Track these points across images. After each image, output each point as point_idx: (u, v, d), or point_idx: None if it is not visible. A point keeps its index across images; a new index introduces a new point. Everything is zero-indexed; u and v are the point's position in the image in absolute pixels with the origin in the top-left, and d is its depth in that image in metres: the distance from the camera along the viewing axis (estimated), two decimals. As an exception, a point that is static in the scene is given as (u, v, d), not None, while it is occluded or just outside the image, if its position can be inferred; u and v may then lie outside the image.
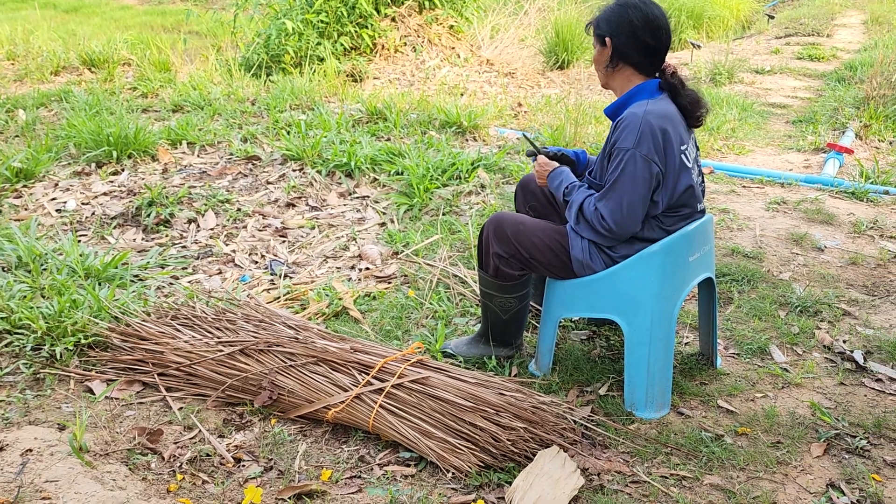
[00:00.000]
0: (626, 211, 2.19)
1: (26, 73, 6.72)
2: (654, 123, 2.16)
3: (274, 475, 2.08)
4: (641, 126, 2.15)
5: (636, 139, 2.16)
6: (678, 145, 2.22)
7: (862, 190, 4.27)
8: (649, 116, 2.17)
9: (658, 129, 2.16)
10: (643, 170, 2.16)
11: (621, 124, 2.21)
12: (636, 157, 2.16)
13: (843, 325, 2.88)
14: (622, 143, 2.19)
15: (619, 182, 2.19)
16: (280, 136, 4.73)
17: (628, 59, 2.26)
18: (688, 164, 2.25)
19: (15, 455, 1.99)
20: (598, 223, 2.24)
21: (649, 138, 2.15)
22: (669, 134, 2.19)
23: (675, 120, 2.23)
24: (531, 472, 2.01)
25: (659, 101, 2.23)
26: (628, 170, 2.17)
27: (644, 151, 2.16)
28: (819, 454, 2.17)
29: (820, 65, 8.48)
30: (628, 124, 2.18)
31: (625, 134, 2.18)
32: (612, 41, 2.25)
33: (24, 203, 3.97)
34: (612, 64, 2.28)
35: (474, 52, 7.63)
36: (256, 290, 3.15)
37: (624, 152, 2.18)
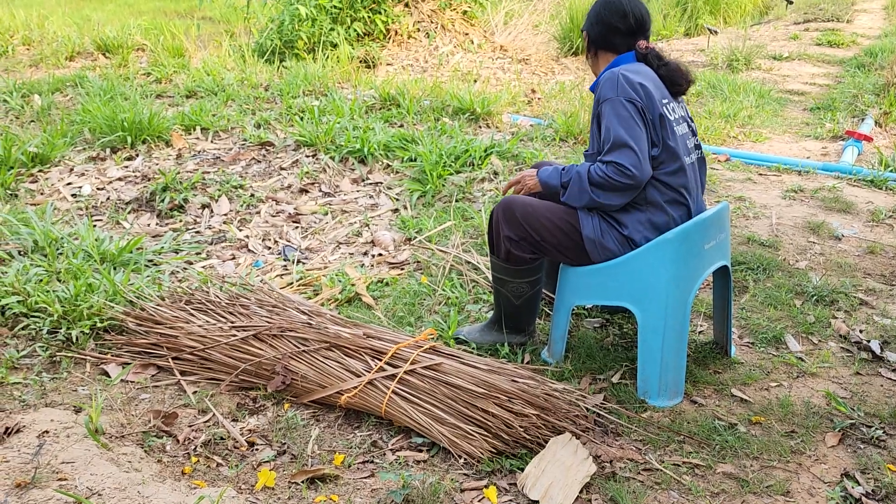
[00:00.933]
0: (637, 148, 2.22)
1: (41, 58, 6.76)
2: (630, 76, 2.28)
3: (287, 459, 2.10)
4: (617, 78, 2.27)
5: (615, 89, 2.26)
6: (659, 99, 2.30)
7: (881, 178, 4.21)
8: (623, 71, 2.30)
9: (634, 81, 2.27)
10: (630, 109, 2.25)
11: (602, 84, 2.32)
12: (620, 102, 2.24)
13: (859, 314, 2.85)
14: (603, 96, 2.29)
15: (615, 129, 2.24)
16: (293, 121, 4.73)
17: (604, 45, 2.45)
18: (670, 117, 2.32)
19: (32, 437, 2.01)
20: (617, 175, 2.22)
21: (626, 86, 2.26)
22: (648, 87, 2.28)
23: (651, 77, 2.34)
24: (543, 459, 2.01)
25: (634, 65, 2.38)
26: (618, 114, 2.24)
27: (626, 96, 2.25)
28: (834, 444, 2.16)
29: (839, 51, 8.36)
30: (605, 80, 2.31)
31: (604, 90, 2.29)
32: (588, 32, 2.48)
33: (39, 188, 4.00)
34: (592, 52, 2.50)
35: (488, 38, 7.58)
36: (270, 276, 3.16)
37: (607, 101, 2.27)
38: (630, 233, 2.29)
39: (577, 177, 2.31)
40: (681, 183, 2.31)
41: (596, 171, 2.26)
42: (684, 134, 2.38)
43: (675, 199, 2.31)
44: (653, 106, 2.27)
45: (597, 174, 2.25)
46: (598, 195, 2.28)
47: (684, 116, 2.41)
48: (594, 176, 2.26)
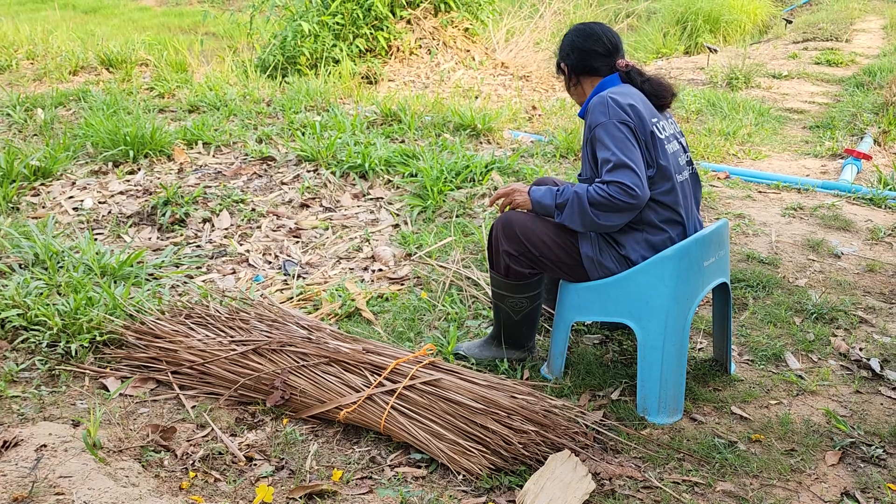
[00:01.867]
0: (637, 168, 2.22)
1: (45, 72, 6.80)
2: (619, 99, 2.28)
3: (285, 474, 2.09)
4: (607, 102, 2.28)
5: (606, 112, 2.27)
6: (649, 118, 2.30)
7: (880, 196, 4.22)
8: (611, 94, 2.30)
9: (624, 103, 2.27)
10: (624, 131, 2.25)
11: (591, 110, 2.33)
12: (613, 124, 2.25)
13: (859, 332, 2.85)
14: (595, 121, 2.29)
15: (613, 151, 2.23)
16: (295, 137, 4.75)
17: (585, 70, 2.47)
18: (661, 135, 2.32)
19: (30, 450, 2.01)
20: (620, 195, 2.20)
21: (616, 108, 2.26)
22: (637, 108, 2.29)
23: (639, 98, 2.34)
24: (542, 476, 2.01)
25: (620, 87, 2.38)
26: (613, 136, 2.24)
27: (617, 118, 2.25)
28: (834, 462, 2.15)
29: (838, 70, 8.41)
30: (595, 105, 2.31)
31: (595, 115, 2.30)
32: (566, 63, 2.50)
33: (41, 201, 4.01)
34: (574, 81, 2.50)
35: (489, 54, 7.63)
36: (270, 290, 3.16)
37: (600, 126, 2.26)
38: (627, 252, 2.30)
39: (576, 198, 2.26)
40: (674, 201, 2.32)
41: (596, 191, 2.23)
42: (675, 151, 2.38)
43: (671, 217, 2.32)
44: (644, 126, 2.27)
45: (598, 194, 2.22)
46: (599, 216, 2.24)
47: (675, 133, 2.42)
48: (594, 196, 2.23)
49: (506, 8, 8.83)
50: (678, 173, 2.36)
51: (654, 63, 9.22)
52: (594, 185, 2.25)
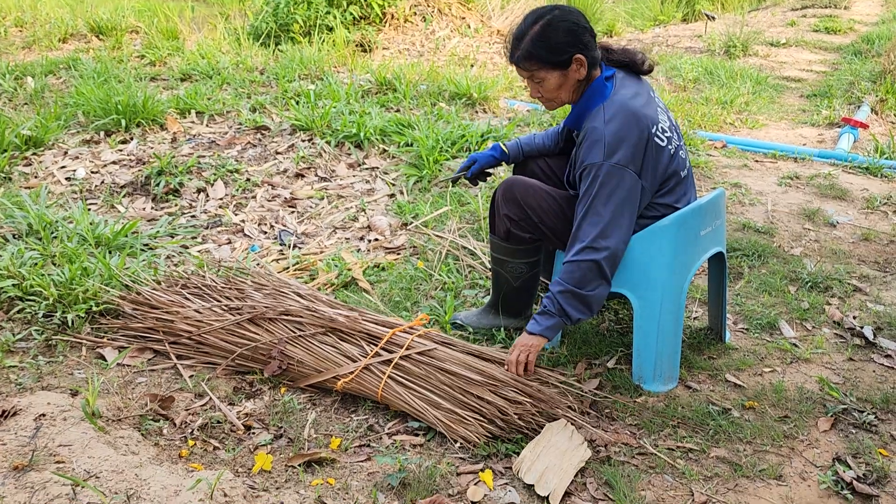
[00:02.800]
0: (613, 222, 2.10)
1: (34, 40, 6.69)
2: (620, 129, 2.09)
3: (284, 443, 2.11)
4: (607, 139, 2.08)
5: (604, 152, 2.08)
6: (650, 130, 2.13)
7: (876, 165, 4.22)
8: (612, 126, 2.09)
9: (626, 133, 2.09)
10: (619, 180, 2.09)
11: (586, 140, 2.13)
12: (610, 169, 2.08)
13: (853, 300, 2.87)
14: (590, 158, 2.10)
15: (589, 197, 2.10)
16: (289, 106, 4.70)
17: (593, 63, 2.18)
18: (661, 144, 2.17)
19: (28, 420, 2.02)
20: (593, 255, 2.09)
21: (618, 148, 2.08)
22: (638, 123, 2.11)
23: (636, 107, 2.13)
24: (539, 444, 2.03)
25: (613, 98, 2.15)
26: (604, 185, 2.09)
27: (617, 160, 2.08)
28: (826, 429, 2.18)
29: (836, 38, 8.35)
30: (594, 139, 2.10)
31: (592, 150, 2.10)
32: (585, 55, 2.13)
33: (33, 171, 3.97)
34: (587, 77, 2.19)
35: (485, 22, 7.54)
36: (266, 260, 3.15)
37: (594, 167, 2.09)
38: None
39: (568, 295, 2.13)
40: (677, 200, 2.28)
41: (569, 272, 2.11)
42: (676, 147, 2.25)
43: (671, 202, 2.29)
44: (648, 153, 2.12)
45: (574, 274, 2.11)
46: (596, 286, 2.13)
47: (672, 126, 2.25)
48: (571, 278, 2.11)
49: (501, -26, 8.69)
50: (682, 169, 2.28)
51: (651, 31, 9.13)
52: (562, 270, 2.15)
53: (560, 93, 2.20)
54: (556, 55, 2.12)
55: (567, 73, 2.16)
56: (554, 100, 2.22)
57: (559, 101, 2.23)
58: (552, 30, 2.11)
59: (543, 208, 2.35)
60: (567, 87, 2.19)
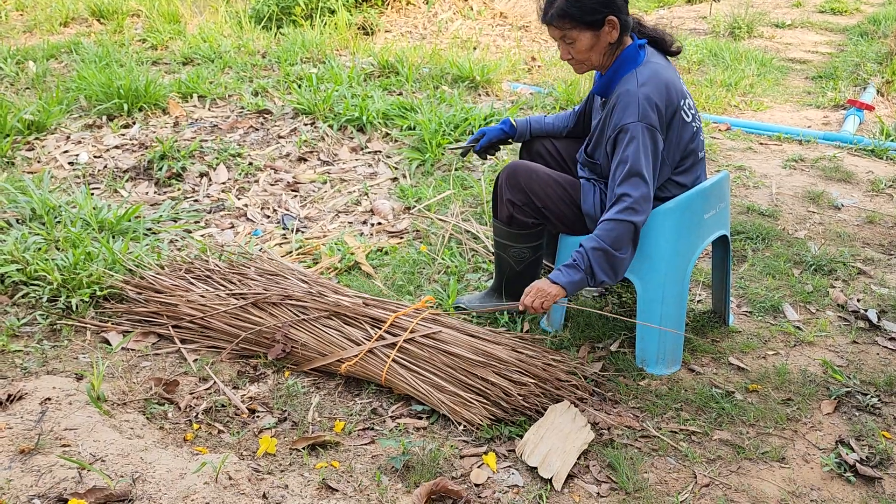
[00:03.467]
0: (651, 182, 2.13)
1: (35, 24, 6.66)
2: (652, 93, 2.11)
3: (288, 426, 2.12)
4: (641, 101, 2.10)
5: (639, 112, 2.10)
6: (679, 100, 2.18)
7: (882, 147, 4.19)
8: (645, 89, 2.11)
9: (658, 97, 2.12)
10: (652, 139, 2.11)
11: (620, 102, 2.14)
12: (643, 129, 2.10)
13: (857, 283, 2.86)
14: (625, 119, 2.11)
15: (635, 158, 2.10)
16: (291, 89, 4.68)
17: (627, 27, 2.18)
18: (687, 119, 2.22)
19: (34, 403, 2.03)
20: (630, 215, 2.08)
21: (651, 109, 2.10)
22: (671, 94, 2.14)
23: (668, 77, 2.17)
24: (542, 426, 2.03)
25: (646, 65, 2.17)
26: (638, 142, 2.10)
27: (649, 122, 2.10)
28: (829, 411, 2.18)
29: (842, 19, 8.26)
30: (628, 102, 2.11)
31: (627, 111, 2.11)
32: (619, 17, 2.13)
33: (36, 155, 3.97)
34: (614, 42, 2.17)
35: (487, 4, 7.47)
36: (269, 245, 3.15)
37: (630, 127, 2.11)
38: None
39: (598, 255, 2.09)
40: (695, 179, 2.30)
41: (607, 229, 2.09)
42: (699, 128, 2.28)
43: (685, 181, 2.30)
44: (675, 121, 2.15)
45: (609, 231, 2.09)
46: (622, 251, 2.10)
47: (692, 105, 2.29)
48: (608, 235, 2.09)
49: (505, -45, 8.60)
50: (700, 150, 2.31)
51: (655, 12, 9.05)
52: (603, 224, 2.11)
53: (591, 54, 2.18)
54: (589, 14, 2.11)
55: (599, 35, 2.15)
56: (584, 62, 2.20)
57: (589, 64, 2.21)
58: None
59: (547, 193, 2.34)
60: (598, 49, 2.17)
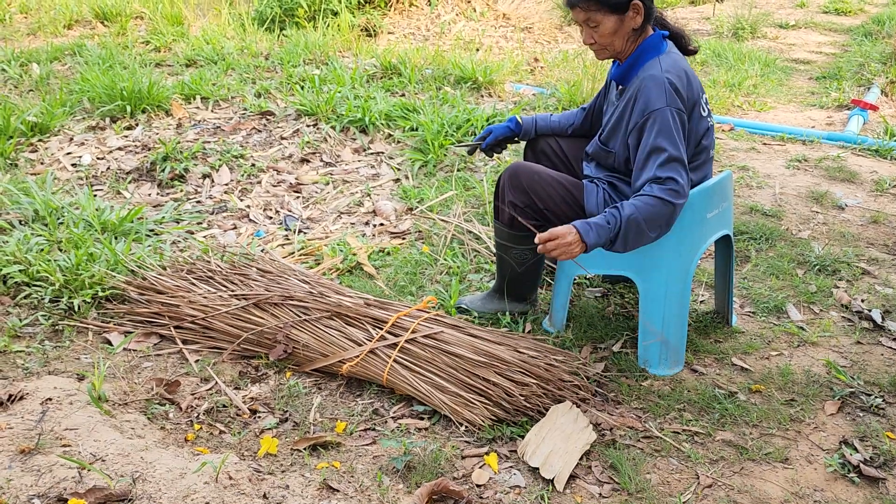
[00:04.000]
0: (686, 163, 2.12)
1: (39, 26, 6.68)
2: (676, 80, 2.12)
3: (289, 426, 2.11)
4: (667, 86, 2.10)
5: (667, 97, 2.09)
6: (699, 94, 2.19)
7: (886, 147, 4.18)
8: (670, 76, 2.11)
9: (682, 86, 2.13)
10: (680, 122, 2.12)
11: (643, 89, 2.12)
12: (671, 113, 2.09)
13: (861, 284, 2.85)
14: (653, 104, 2.10)
15: (668, 143, 2.08)
16: (294, 91, 4.68)
17: (650, 14, 2.18)
18: (704, 114, 2.23)
19: (35, 404, 2.03)
20: (673, 197, 2.06)
21: (676, 94, 2.11)
22: (692, 85, 2.16)
23: (689, 70, 2.20)
24: (544, 427, 2.03)
25: (669, 55, 2.18)
26: (669, 127, 2.09)
27: (677, 106, 2.10)
28: (833, 412, 2.17)
29: (846, 19, 8.24)
30: (653, 87, 2.10)
31: (653, 96, 2.10)
32: (644, 2, 2.12)
33: (39, 157, 3.98)
34: (636, 28, 2.16)
35: (490, 6, 7.47)
36: (271, 245, 3.15)
37: (658, 112, 2.09)
38: None
39: (631, 225, 2.06)
40: (703, 177, 2.30)
41: (646, 203, 2.05)
42: (712, 126, 2.29)
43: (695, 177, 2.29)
44: (694, 109, 2.16)
45: (648, 206, 2.04)
46: (661, 226, 2.09)
47: (707, 102, 2.29)
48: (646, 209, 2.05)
49: (507, -43, 8.60)
50: (711, 149, 2.31)
51: (658, 13, 9.03)
52: (642, 198, 2.07)
53: (614, 39, 2.17)
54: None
55: (623, 19, 2.14)
56: (607, 47, 2.19)
57: (612, 50, 2.20)
58: None
59: (550, 194, 2.33)
60: (622, 33, 2.16)
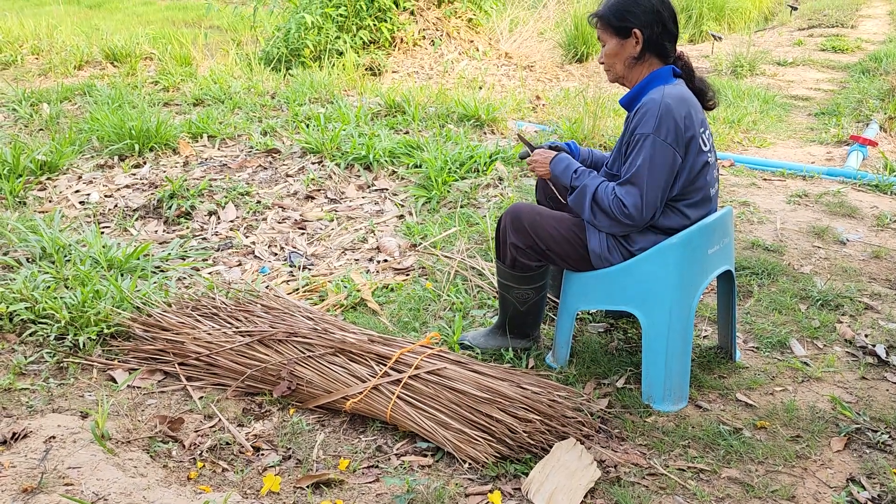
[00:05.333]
0: (648, 197, 2.17)
1: (50, 67, 6.81)
2: (675, 108, 2.15)
3: (292, 464, 2.10)
4: (661, 111, 2.14)
5: (656, 124, 2.14)
6: (698, 128, 2.21)
7: (886, 183, 4.20)
8: (668, 100, 2.15)
9: (679, 114, 2.15)
10: (664, 155, 2.15)
11: (640, 111, 2.18)
12: (656, 143, 2.14)
13: (864, 319, 2.84)
14: (642, 128, 2.16)
15: (640, 168, 2.16)
16: (299, 129, 4.75)
17: (657, 50, 2.25)
18: (704, 148, 2.24)
19: (38, 442, 2.03)
20: (617, 210, 2.20)
21: (670, 123, 2.14)
22: (692, 117, 2.18)
23: (693, 103, 2.23)
24: (548, 464, 2.02)
25: (676, 86, 2.23)
26: (649, 155, 2.15)
27: (664, 136, 2.14)
28: (839, 448, 2.15)
29: (844, 56, 8.35)
30: (648, 110, 2.16)
31: (645, 119, 2.16)
32: (644, 33, 2.21)
33: (48, 195, 4.03)
34: (641, 56, 2.25)
35: (493, 45, 7.60)
36: (276, 282, 3.17)
37: (644, 137, 2.16)
38: (637, 251, 2.28)
39: (584, 189, 2.28)
40: (703, 213, 2.30)
41: (603, 192, 2.23)
42: (713, 163, 2.30)
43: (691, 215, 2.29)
44: (692, 144, 2.19)
45: (602, 197, 2.23)
46: (595, 214, 2.27)
47: (712, 142, 2.32)
48: (599, 194, 2.24)
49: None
50: (712, 186, 2.31)
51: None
52: (603, 186, 2.24)
53: (615, 62, 2.28)
54: (619, 21, 2.23)
55: (623, 44, 2.25)
56: (610, 68, 2.31)
57: (614, 72, 2.31)
58: (630, 1, 2.22)
59: (552, 235, 2.35)
60: (621, 58, 2.27)
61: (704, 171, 2.26)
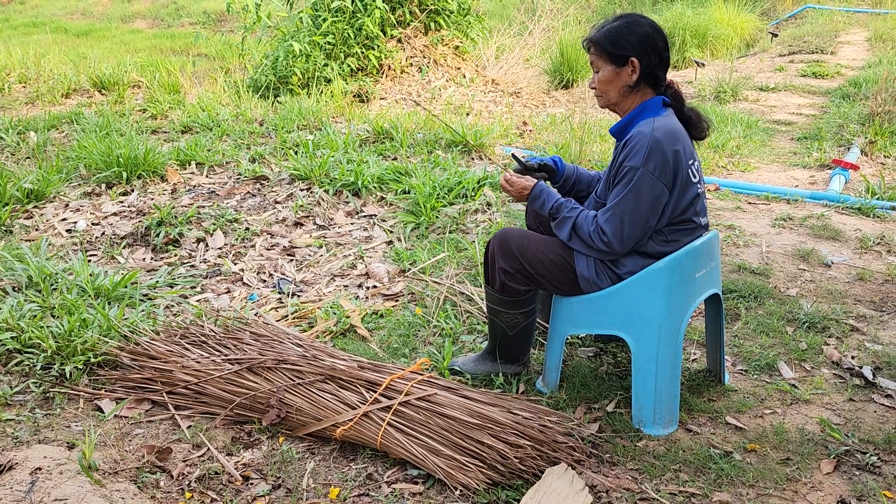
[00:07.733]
0: (628, 229, 2.21)
1: (37, 95, 6.82)
2: (664, 142, 2.17)
3: (282, 493, 2.08)
4: (650, 144, 2.16)
5: (644, 157, 2.16)
6: (687, 160, 2.23)
7: (868, 206, 4.26)
8: (657, 134, 2.17)
9: (669, 148, 2.17)
10: (650, 189, 2.17)
11: (630, 143, 2.21)
12: (644, 176, 2.17)
13: (851, 340, 2.87)
14: (630, 161, 2.19)
15: (624, 199, 2.19)
16: (288, 156, 4.77)
17: (651, 80, 2.27)
18: (694, 180, 2.27)
19: (24, 474, 2.00)
20: (597, 239, 2.24)
21: (658, 156, 2.16)
22: (679, 152, 2.20)
23: (682, 135, 2.25)
24: (539, 490, 2.01)
25: (665, 118, 2.25)
26: (635, 188, 2.18)
27: (652, 170, 2.16)
28: (829, 471, 2.16)
29: (824, 82, 8.50)
30: (637, 143, 2.18)
31: (634, 152, 2.18)
32: (641, 62, 2.23)
33: (34, 224, 4.01)
34: (633, 85, 2.26)
35: (479, 72, 7.69)
36: (264, 309, 3.16)
37: (633, 171, 2.18)
38: (625, 274, 2.31)
39: (567, 219, 2.33)
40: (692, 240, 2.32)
41: (584, 222, 2.29)
42: (702, 193, 2.32)
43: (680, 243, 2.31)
44: (679, 176, 2.20)
45: (583, 226, 2.28)
46: (575, 244, 2.32)
47: (700, 170, 2.32)
48: (581, 226, 2.29)
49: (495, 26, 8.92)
50: (703, 215, 2.34)
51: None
52: (583, 216, 2.30)
53: (609, 89, 2.29)
54: (615, 49, 2.23)
55: (619, 72, 2.26)
56: (602, 95, 2.32)
57: (606, 99, 2.32)
58: (626, 29, 2.24)
59: (540, 259, 2.37)
60: (616, 85, 2.27)
61: (695, 202, 2.29)
